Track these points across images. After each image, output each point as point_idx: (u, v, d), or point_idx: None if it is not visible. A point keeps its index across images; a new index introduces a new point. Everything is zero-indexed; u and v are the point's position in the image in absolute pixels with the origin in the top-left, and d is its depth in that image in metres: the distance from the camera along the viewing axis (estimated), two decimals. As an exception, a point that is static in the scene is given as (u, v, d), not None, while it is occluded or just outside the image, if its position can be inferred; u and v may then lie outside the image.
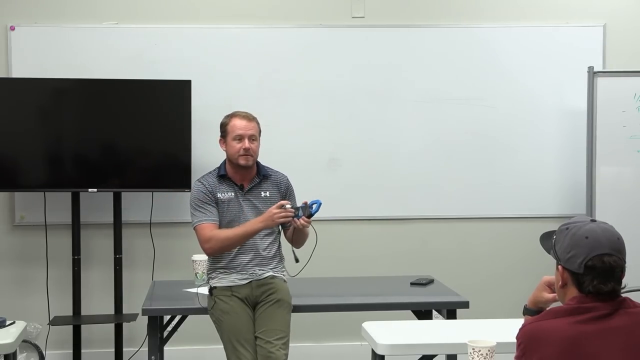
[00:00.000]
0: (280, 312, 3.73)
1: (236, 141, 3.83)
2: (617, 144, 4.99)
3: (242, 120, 3.87)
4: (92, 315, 5.01)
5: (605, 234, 2.15)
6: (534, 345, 2.11)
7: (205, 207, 3.83)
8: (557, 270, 2.22)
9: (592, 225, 2.18)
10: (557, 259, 2.21)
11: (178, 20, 5.12)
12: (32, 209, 5.02)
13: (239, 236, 3.76)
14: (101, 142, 4.88)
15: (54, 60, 4.99)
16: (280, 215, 3.70)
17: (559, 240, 2.21)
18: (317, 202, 3.74)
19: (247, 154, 3.82)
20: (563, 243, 2.18)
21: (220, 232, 3.79)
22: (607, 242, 2.14)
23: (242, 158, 3.83)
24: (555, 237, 2.24)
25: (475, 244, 5.35)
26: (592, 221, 2.20)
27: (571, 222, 2.22)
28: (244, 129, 3.84)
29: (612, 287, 2.13)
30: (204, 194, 3.85)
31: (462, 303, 3.90)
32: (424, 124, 5.25)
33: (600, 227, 2.17)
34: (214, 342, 3.97)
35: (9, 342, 3.28)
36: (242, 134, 3.83)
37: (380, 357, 3.07)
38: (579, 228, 2.17)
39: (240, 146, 3.82)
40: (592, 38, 5.28)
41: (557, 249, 2.21)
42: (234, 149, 3.84)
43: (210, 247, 3.79)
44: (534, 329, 2.14)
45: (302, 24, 5.18)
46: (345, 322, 4.66)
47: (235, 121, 3.87)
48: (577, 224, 2.20)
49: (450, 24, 5.26)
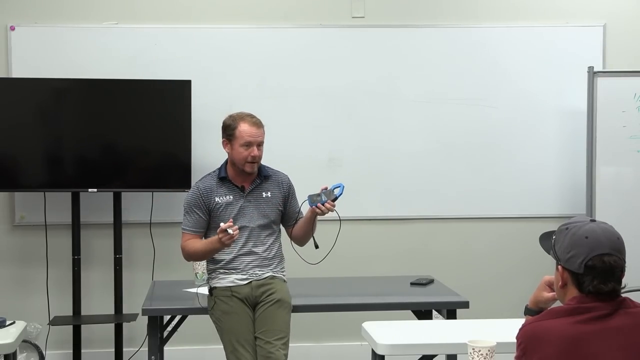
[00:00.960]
0: (280, 312, 3.73)
1: (244, 147, 3.77)
2: (617, 144, 4.99)
3: (252, 127, 3.79)
4: (92, 315, 5.01)
5: (605, 233, 2.15)
6: (534, 345, 2.11)
7: (191, 214, 3.84)
8: (557, 270, 2.22)
9: (592, 225, 2.18)
10: (557, 259, 2.21)
11: (178, 20, 5.12)
12: (32, 209, 5.02)
13: (202, 252, 3.82)
14: (101, 142, 4.88)
15: (54, 60, 5.00)
16: (225, 239, 3.61)
17: (559, 240, 2.21)
18: (339, 186, 3.71)
19: (254, 161, 3.80)
20: (563, 243, 2.18)
21: (190, 244, 3.83)
22: (607, 241, 2.14)
23: (248, 165, 3.80)
24: (555, 237, 2.24)
25: (476, 244, 5.35)
26: (592, 221, 2.20)
27: (571, 222, 2.22)
28: (253, 136, 3.78)
29: (613, 287, 2.13)
30: (196, 199, 3.84)
31: (462, 303, 3.90)
32: (424, 124, 5.25)
33: (600, 227, 2.17)
34: (214, 342, 3.97)
35: (9, 342, 3.28)
36: (251, 141, 3.77)
37: (380, 357, 3.07)
38: (579, 228, 2.17)
39: (248, 153, 3.77)
40: (592, 38, 5.28)
41: (557, 249, 2.21)
42: (241, 155, 3.78)
43: (183, 255, 3.91)
44: (534, 328, 2.14)
45: (302, 24, 5.18)
46: (345, 322, 4.67)
47: (244, 127, 3.78)
48: (576, 224, 2.19)
49: (450, 24, 5.26)
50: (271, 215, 3.88)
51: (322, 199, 3.72)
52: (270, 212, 3.87)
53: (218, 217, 3.82)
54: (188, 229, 3.86)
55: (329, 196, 3.71)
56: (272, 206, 3.88)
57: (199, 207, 3.83)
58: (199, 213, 3.83)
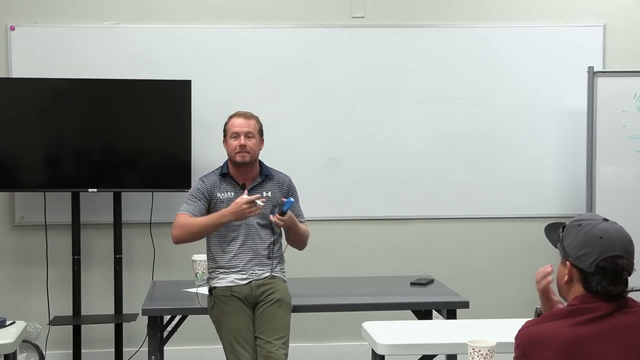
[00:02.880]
0: (280, 312, 3.73)
1: (233, 139, 3.86)
2: (617, 144, 4.99)
3: (239, 118, 3.91)
4: (92, 315, 5.01)
5: (619, 235, 2.13)
6: (532, 349, 2.09)
7: (193, 201, 3.84)
8: (564, 266, 2.18)
9: (605, 224, 2.14)
10: (566, 254, 2.17)
11: (178, 20, 5.12)
12: (32, 209, 5.02)
13: (204, 224, 3.76)
14: (101, 142, 4.88)
15: (54, 60, 5.00)
16: (249, 210, 3.65)
17: (570, 235, 2.17)
18: (289, 201, 3.73)
19: (242, 150, 3.83)
20: (575, 239, 2.15)
21: (188, 218, 3.77)
22: (621, 244, 2.11)
23: (238, 155, 3.84)
24: (565, 231, 2.20)
25: (475, 244, 5.35)
26: (605, 220, 2.17)
27: (583, 219, 2.18)
28: (239, 126, 3.87)
29: (621, 290, 2.11)
30: (200, 190, 3.87)
31: (462, 303, 3.90)
32: (424, 123, 5.25)
33: (613, 228, 2.14)
34: (213, 342, 3.97)
35: (9, 342, 3.28)
36: (238, 132, 3.86)
37: (380, 357, 3.07)
38: (593, 226, 2.14)
39: (236, 143, 3.84)
40: (592, 38, 5.28)
41: (567, 245, 2.17)
42: (230, 146, 3.87)
43: (175, 233, 3.78)
44: (533, 332, 2.12)
45: (302, 24, 5.18)
46: (345, 322, 4.67)
47: (233, 120, 3.92)
48: (589, 221, 2.16)
49: (451, 24, 5.26)
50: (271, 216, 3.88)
51: (274, 211, 3.77)
52: (270, 212, 3.87)
53: (218, 213, 3.84)
54: (186, 210, 3.81)
55: (280, 209, 3.75)
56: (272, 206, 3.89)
57: (203, 197, 3.85)
58: (202, 201, 3.84)
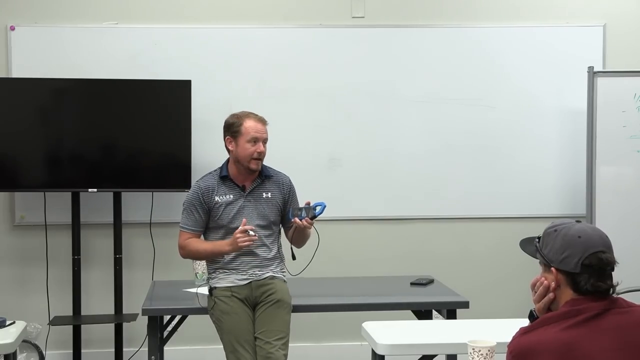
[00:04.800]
0: (280, 313, 3.73)
1: (250, 143, 3.79)
2: (617, 144, 4.99)
3: (257, 123, 3.83)
4: (92, 315, 5.01)
5: (595, 232, 2.17)
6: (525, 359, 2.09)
7: (191, 212, 3.85)
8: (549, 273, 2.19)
9: (580, 225, 2.18)
10: (548, 261, 2.19)
11: (178, 20, 5.12)
12: (32, 209, 5.02)
13: (207, 253, 3.87)
14: (101, 142, 4.88)
15: (54, 60, 5.00)
16: (242, 240, 3.68)
17: (548, 242, 2.19)
18: (321, 205, 3.72)
19: (259, 157, 3.82)
20: (554, 244, 2.17)
21: (192, 243, 3.85)
22: (600, 239, 2.15)
23: (254, 162, 3.81)
24: (542, 240, 2.22)
25: (476, 244, 5.35)
26: (578, 222, 2.20)
27: (557, 225, 2.21)
28: (259, 132, 3.81)
29: (610, 285, 2.13)
30: (196, 198, 3.85)
31: (462, 303, 3.90)
32: (424, 124, 5.25)
33: (588, 227, 2.19)
34: (213, 342, 3.97)
35: (9, 342, 3.28)
36: (258, 137, 3.80)
37: (380, 357, 3.07)
38: (569, 228, 2.17)
39: (254, 149, 3.79)
40: (592, 38, 5.28)
41: (547, 252, 2.19)
42: (247, 151, 3.79)
43: (181, 253, 3.92)
44: (523, 343, 2.11)
45: (302, 24, 5.18)
46: (345, 322, 4.67)
47: (250, 122, 3.82)
48: (564, 225, 2.19)
49: (450, 24, 5.26)
50: (271, 216, 3.88)
51: (302, 214, 3.74)
52: (269, 212, 3.87)
53: (218, 217, 3.83)
54: (187, 228, 3.86)
55: (308, 213, 3.74)
56: (272, 207, 3.88)
57: (199, 206, 3.83)
58: (199, 212, 3.84)
